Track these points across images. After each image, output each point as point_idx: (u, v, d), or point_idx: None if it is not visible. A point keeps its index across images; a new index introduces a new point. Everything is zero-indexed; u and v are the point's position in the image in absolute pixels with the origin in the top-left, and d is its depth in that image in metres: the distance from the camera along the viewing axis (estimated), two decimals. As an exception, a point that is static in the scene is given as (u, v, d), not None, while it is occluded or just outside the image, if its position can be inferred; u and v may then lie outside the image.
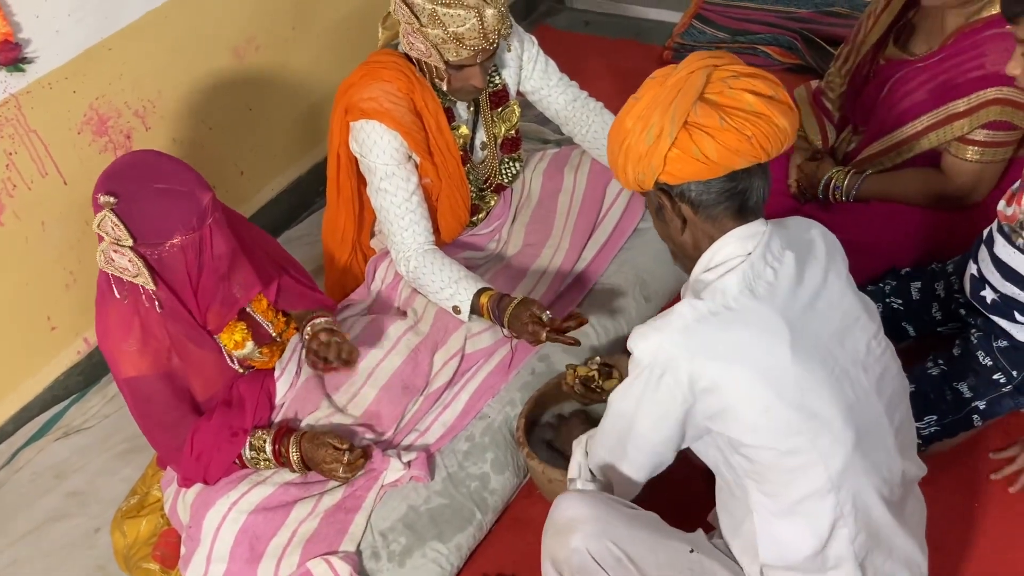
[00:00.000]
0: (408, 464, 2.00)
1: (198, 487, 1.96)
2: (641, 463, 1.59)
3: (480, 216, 2.44)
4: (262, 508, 1.92)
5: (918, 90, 2.22)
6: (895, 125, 2.26)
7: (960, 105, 2.13)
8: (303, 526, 1.94)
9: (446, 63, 2.02)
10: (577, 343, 2.03)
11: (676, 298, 2.46)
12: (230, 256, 1.81)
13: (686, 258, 1.54)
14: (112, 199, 1.66)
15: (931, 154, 2.26)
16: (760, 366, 1.41)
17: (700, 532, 1.67)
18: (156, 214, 1.69)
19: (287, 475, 1.98)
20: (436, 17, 1.95)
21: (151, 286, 1.74)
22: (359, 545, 1.94)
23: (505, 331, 2.10)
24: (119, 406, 2.48)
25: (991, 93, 2.08)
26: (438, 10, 1.94)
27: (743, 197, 1.46)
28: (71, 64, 2.28)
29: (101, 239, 1.71)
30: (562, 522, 1.62)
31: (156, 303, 1.77)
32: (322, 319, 2.06)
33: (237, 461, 1.97)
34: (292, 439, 1.95)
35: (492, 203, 2.45)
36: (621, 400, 1.53)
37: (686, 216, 1.48)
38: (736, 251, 1.46)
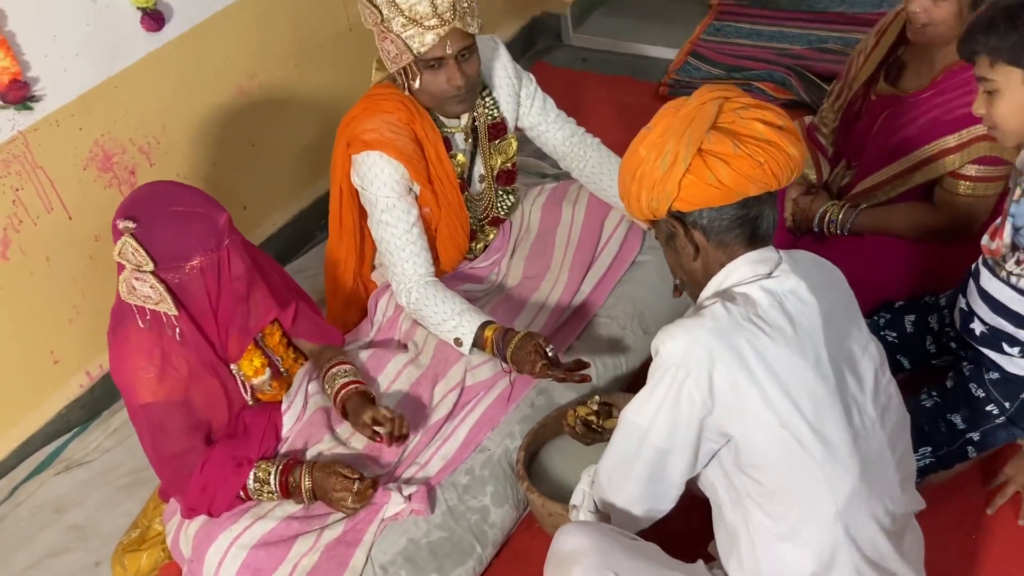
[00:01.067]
0: (408, 498, 2.01)
1: (200, 520, 1.97)
2: (641, 491, 1.58)
3: (479, 248, 2.47)
4: (264, 543, 1.93)
5: (909, 126, 2.27)
6: (887, 160, 2.31)
7: (951, 141, 2.18)
8: (304, 560, 1.94)
9: (417, 58, 2.04)
10: (587, 379, 2.05)
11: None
12: (247, 277, 1.85)
13: (695, 285, 1.56)
14: (131, 224, 1.71)
15: (925, 187, 2.30)
16: (784, 380, 1.43)
17: (700, 563, 1.68)
18: (175, 236, 1.74)
19: (289, 508, 1.99)
20: (393, 3, 1.99)
21: (173, 311, 1.77)
22: (359, 579, 1.94)
23: (505, 365, 2.12)
24: (120, 440, 2.50)
25: (981, 129, 2.12)
26: None
27: (755, 224, 1.49)
28: (77, 101, 2.32)
29: (122, 268, 1.75)
30: (563, 553, 1.62)
31: (177, 330, 1.80)
32: (342, 367, 2.08)
33: (242, 494, 1.98)
34: (303, 468, 1.96)
35: (491, 236, 2.48)
36: (637, 412, 1.52)
37: (698, 243, 1.51)
38: (748, 273, 1.49)
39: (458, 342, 2.16)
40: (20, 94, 2.15)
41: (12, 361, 2.39)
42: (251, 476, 1.96)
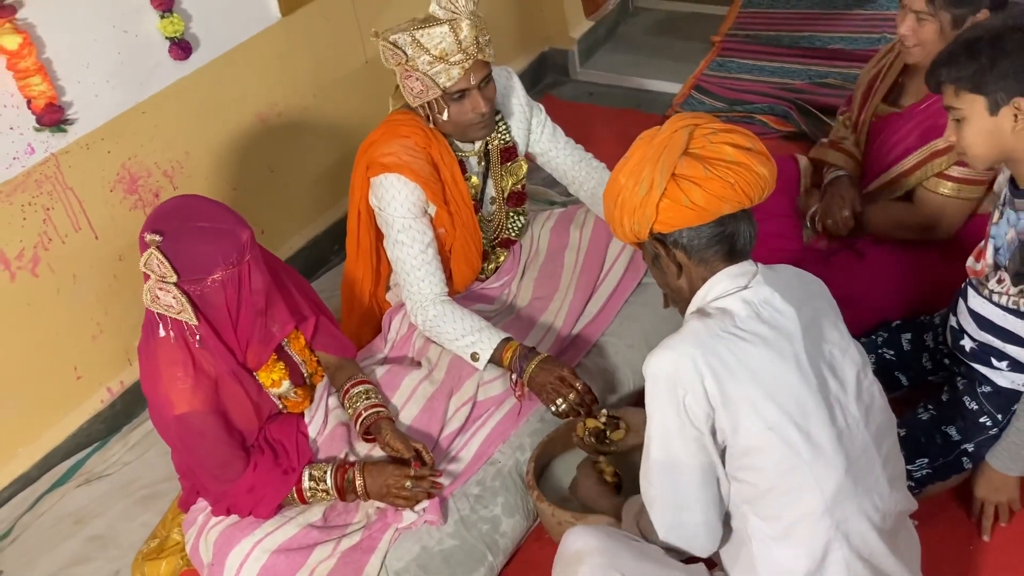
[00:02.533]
0: (422, 510, 2.06)
1: (222, 525, 2.03)
2: (703, 501, 1.59)
3: (490, 269, 2.55)
4: (284, 549, 1.99)
5: (907, 136, 2.41)
6: (887, 167, 2.46)
7: (940, 143, 2.32)
8: (321, 566, 1.99)
9: (444, 92, 2.13)
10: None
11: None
12: (266, 292, 1.91)
13: (683, 301, 1.66)
14: (158, 237, 1.77)
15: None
16: (767, 384, 1.51)
17: (702, 565, 1.73)
18: (199, 250, 1.80)
19: (311, 516, 2.04)
20: (417, 43, 2.07)
21: (193, 321, 1.83)
22: (374, 585, 1.99)
23: (514, 377, 2.20)
24: (139, 454, 2.56)
25: None
26: (416, 35, 2.07)
27: (732, 240, 1.59)
28: (107, 126, 2.42)
29: (147, 277, 1.81)
30: (570, 553, 1.67)
31: (197, 338, 1.86)
32: (362, 387, 2.16)
33: (293, 495, 2.03)
34: (356, 467, 2.04)
35: (502, 258, 2.56)
36: (658, 449, 1.57)
37: (681, 262, 1.61)
38: (729, 287, 1.58)
39: (475, 357, 2.23)
40: (55, 117, 2.24)
41: (37, 376, 2.46)
42: (306, 475, 2.02)
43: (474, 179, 2.38)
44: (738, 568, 1.65)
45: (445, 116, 2.18)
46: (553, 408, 2.15)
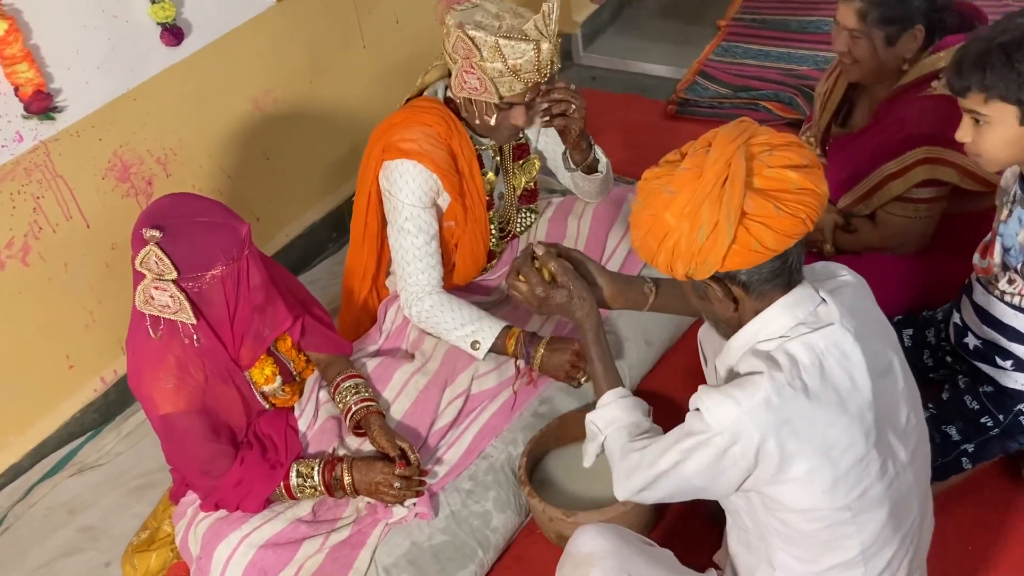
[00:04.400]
0: (412, 504, 2.05)
1: (211, 519, 2.01)
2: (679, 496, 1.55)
3: (491, 264, 2.52)
4: (272, 543, 1.97)
5: (854, 159, 2.37)
6: (843, 191, 2.43)
7: (892, 166, 2.29)
8: (310, 561, 1.98)
9: (500, 99, 2.10)
10: None
11: (677, 343, 2.56)
12: (264, 288, 1.89)
13: (730, 329, 1.50)
14: (157, 233, 1.74)
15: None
16: (830, 449, 1.39)
17: (712, 571, 1.70)
18: (199, 245, 1.77)
19: (299, 511, 2.03)
20: (498, 49, 2.03)
21: (192, 320, 1.80)
22: (363, 580, 1.98)
23: (520, 364, 2.18)
24: (132, 444, 2.55)
25: (922, 152, 2.23)
26: (500, 42, 2.02)
27: (790, 270, 1.43)
28: (98, 113, 2.38)
29: (140, 277, 1.78)
30: (581, 555, 1.63)
31: (195, 338, 1.83)
32: (352, 381, 2.13)
33: (280, 490, 2.01)
34: (344, 463, 2.02)
35: (500, 250, 2.53)
36: (682, 463, 1.45)
37: (737, 296, 1.45)
38: (787, 323, 1.43)
39: (475, 345, 2.21)
40: (43, 105, 2.21)
41: (29, 365, 2.45)
42: (293, 471, 2.00)
43: (490, 175, 2.35)
44: None
45: (491, 120, 2.16)
46: (575, 384, 2.19)
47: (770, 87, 3.61)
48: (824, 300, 1.45)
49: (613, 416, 1.67)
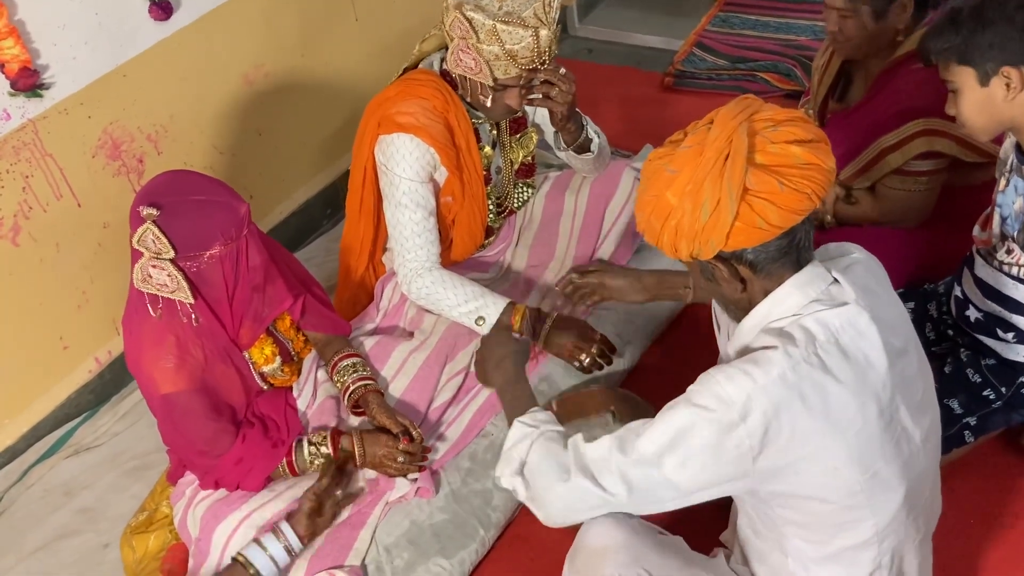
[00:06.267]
0: (414, 481, 2.04)
1: (209, 500, 2.00)
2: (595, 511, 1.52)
3: (489, 240, 2.49)
4: (272, 524, 1.96)
5: (852, 134, 2.35)
6: (839, 167, 2.39)
7: (889, 139, 2.27)
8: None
9: (494, 81, 2.07)
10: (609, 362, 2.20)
11: (678, 315, 2.54)
12: (263, 268, 1.87)
13: (740, 311, 1.48)
14: (155, 211, 1.71)
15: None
16: (843, 425, 1.37)
17: (721, 557, 1.69)
18: (197, 224, 1.74)
19: (298, 491, 2.01)
20: (495, 33, 2.00)
21: (189, 300, 1.78)
22: (364, 560, 1.97)
23: (531, 341, 2.17)
24: (129, 424, 2.53)
25: (919, 124, 2.21)
26: (498, 27, 1.99)
27: (799, 248, 1.40)
28: (86, 90, 2.34)
29: (137, 255, 1.75)
30: (593, 549, 1.58)
31: (193, 317, 1.81)
32: (350, 360, 2.11)
33: (282, 468, 2.00)
34: (354, 434, 2.01)
35: (497, 226, 2.51)
36: (676, 442, 1.39)
37: (745, 277, 1.42)
38: (799, 301, 1.40)
39: (479, 321, 2.18)
40: (30, 82, 2.17)
41: (22, 347, 2.42)
42: (305, 443, 2.00)
43: (487, 149, 2.32)
44: (765, 569, 1.60)
45: (486, 101, 2.13)
46: (577, 364, 2.17)
47: (768, 58, 3.58)
48: (836, 280, 1.43)
49: (542, 419, 1.66)
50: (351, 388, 2.07)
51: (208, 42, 2.61)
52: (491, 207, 2.40)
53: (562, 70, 2.14)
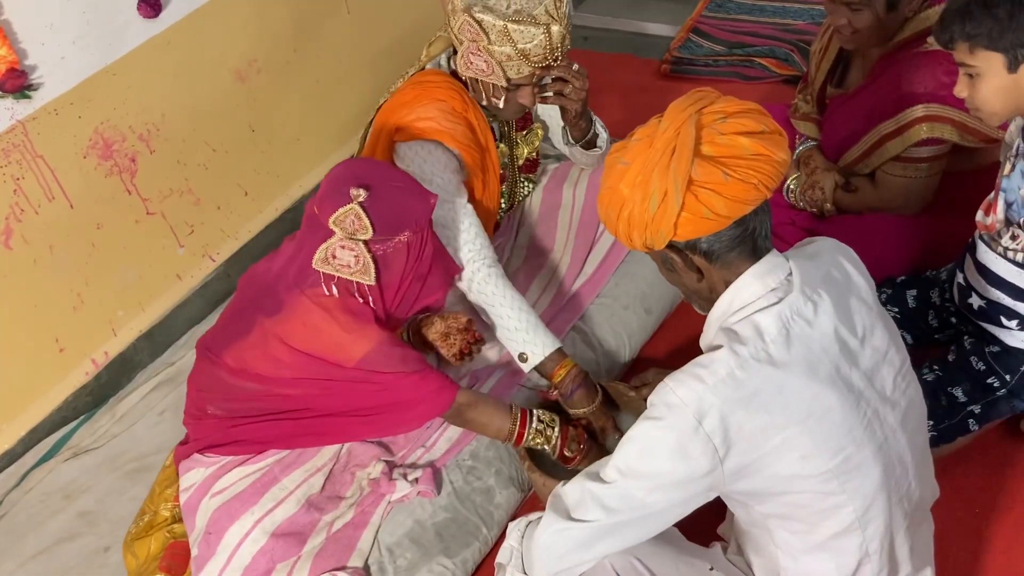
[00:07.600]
0: (415, 482, 2.03)
1: (222, 497, 1.98)
2: (620, 545, 1.50)
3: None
4: (283, 532, 1.94)
5: (851, 120, 2.33)
6: (841, 151, 2.39)
7: (889, 126, 2.24)
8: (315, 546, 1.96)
9: (507, 81, 2.04)
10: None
11: (677, 310, 2.53)
12: (431, 259, 1.91)
13: (703, 300, 1.50)
14: (363, 192, 1.76)
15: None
16: (803, 415, 1.38)
17: (718, 548, 1.69)
18: (396, 209, 1.80)
19: (311, 489, 2.00)
20: (506, 34, 1.96)
21: (372, 282, 1.82)
22: (367, 560, 1.96)
23: (555, 392, 2.09)
24: (127, 426, 2.51)
25: (919, 111, 2.18)
26: (509, 26, 1.95)
27: (753, 238, 1.42)
28: (76, 90, 2.32)
29: (328, 235, 1.78)
30: None
31: (370, 299, 1.86)
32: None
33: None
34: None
35: (500, 221, 2.49)
36: (638, 459, 1.41)
37: (700, 266, 1.44)
38: (758, 291, 1.42)
39: (522, 357, 2.10)
40: (18, 83, 2.15)
41: (18, 350, 2.40)
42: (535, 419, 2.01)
43: (503, 147, 2.29)
44: (760, 560, 1.60)
45: (499, 102, 2.09)
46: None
47: (766, 43, 3.55)
48: (793, 270, 1.44)
49: None
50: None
51: (199, 38, 2.58)
52: (503, 204, 2.38)
53: (575, 66, 2.09)
